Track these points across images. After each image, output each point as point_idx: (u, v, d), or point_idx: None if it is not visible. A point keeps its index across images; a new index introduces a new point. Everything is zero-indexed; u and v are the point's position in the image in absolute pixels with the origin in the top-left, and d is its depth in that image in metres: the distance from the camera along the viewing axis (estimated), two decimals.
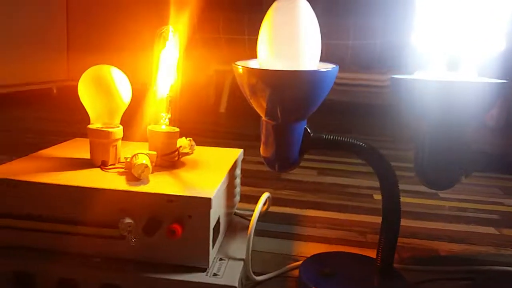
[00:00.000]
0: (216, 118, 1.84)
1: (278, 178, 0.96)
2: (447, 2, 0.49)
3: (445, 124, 0.49)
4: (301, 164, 0.52)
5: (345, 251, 0.61)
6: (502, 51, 0.50)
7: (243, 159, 0.69)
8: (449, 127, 0.49)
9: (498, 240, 0.70)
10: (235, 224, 0.61)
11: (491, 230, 0.74)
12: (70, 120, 1.58)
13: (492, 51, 0.50)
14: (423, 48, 0.52)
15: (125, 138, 0.58)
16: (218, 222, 0.49)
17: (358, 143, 0.54)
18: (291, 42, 0.50)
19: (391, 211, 0.50)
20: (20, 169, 0.50)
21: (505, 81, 0.49)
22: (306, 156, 0.54)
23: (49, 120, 1.59)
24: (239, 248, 0.52)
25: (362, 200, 0.85)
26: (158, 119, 0.53)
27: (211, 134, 1.45)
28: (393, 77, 0.51)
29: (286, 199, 0.83)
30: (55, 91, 2.07)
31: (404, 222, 0.74)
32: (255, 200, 0.59)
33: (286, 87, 0.49)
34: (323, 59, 0.53)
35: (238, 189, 0.63)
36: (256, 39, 0.52)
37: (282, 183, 0.92)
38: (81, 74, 0.52)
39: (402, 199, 0.50)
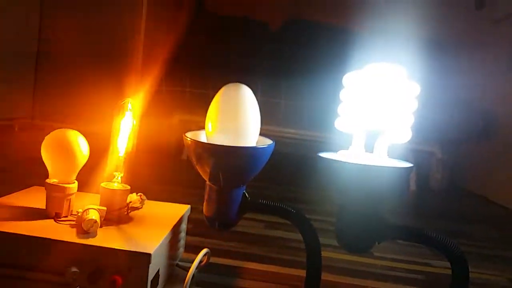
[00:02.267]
0: (178, 164, 1.90)
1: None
2: (367, 96, 0.59)
3: (360, 200, 0.58)
4: (250, 217, 0.59)
5: None
6: (409, 139, 0.60)
7: (197, 208, 0.75)
8: (364, 203, 0.58)
9: None
10: (176, 275, 0.66)
11: None
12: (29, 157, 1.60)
13: (401, 139, 0.60)
14: (345, 130, 0.61)
15: (83, 188, 0.64)
16: (157, 273, 0.55)
17: (289, 209, 0.62)
18: (234, 121, 0.58)
19: (313, 268, 0.58)
20: None
21: (411, 165, 0.59)
22: None
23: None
24: None
25: (300, 255, 0.92)
26: (111, 177, 0.60)
27: (173, 181, 1.51)
28: (319, 155, 0.59)
29: (230, 251, 0.89)
30: (16, 128, 2.08)
31: (334, 277, 0.81)
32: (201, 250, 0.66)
33: (227, 160, 0.57)
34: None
35: (182, 242, 0.69)
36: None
37: (229, 235, 0.98)
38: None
39: (338, 255, 0.58)
